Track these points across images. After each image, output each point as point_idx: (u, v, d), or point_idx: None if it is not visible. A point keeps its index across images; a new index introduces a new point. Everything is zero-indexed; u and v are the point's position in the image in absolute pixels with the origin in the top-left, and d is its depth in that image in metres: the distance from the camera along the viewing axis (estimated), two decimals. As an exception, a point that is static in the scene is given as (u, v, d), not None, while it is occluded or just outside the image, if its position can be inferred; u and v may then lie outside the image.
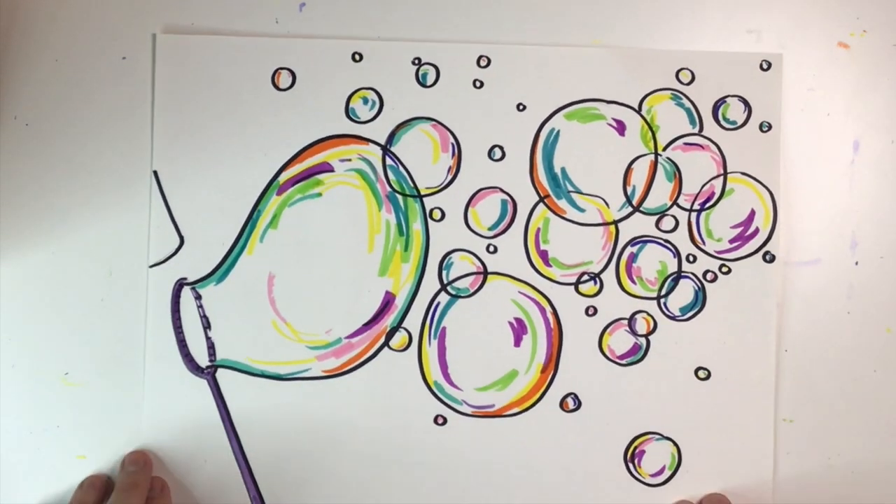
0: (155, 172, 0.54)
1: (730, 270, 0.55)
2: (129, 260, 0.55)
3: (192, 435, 0.53)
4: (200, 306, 0.54)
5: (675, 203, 0.55)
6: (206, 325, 0.54)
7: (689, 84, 0.55)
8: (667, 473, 0.54)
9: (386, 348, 0.54)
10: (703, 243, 0.55)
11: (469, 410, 0.54)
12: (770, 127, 0.55)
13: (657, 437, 0.54)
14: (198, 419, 0.54)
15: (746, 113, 0.55)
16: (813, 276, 0.56)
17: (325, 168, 0.55)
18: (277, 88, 0.55)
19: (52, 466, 0.54)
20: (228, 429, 0.53)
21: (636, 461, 0.54)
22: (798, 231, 0.56)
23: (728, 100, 0.55)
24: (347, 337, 0.54)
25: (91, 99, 0.55)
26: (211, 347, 0.54)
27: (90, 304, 0.55)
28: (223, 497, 0.53)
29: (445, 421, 0.54)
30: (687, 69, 0.55)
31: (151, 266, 0.54)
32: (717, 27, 0.57)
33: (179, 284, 0.54)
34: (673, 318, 0.55)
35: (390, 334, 0.54)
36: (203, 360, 0.54)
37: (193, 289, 0.54)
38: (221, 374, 0.54)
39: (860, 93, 0.57)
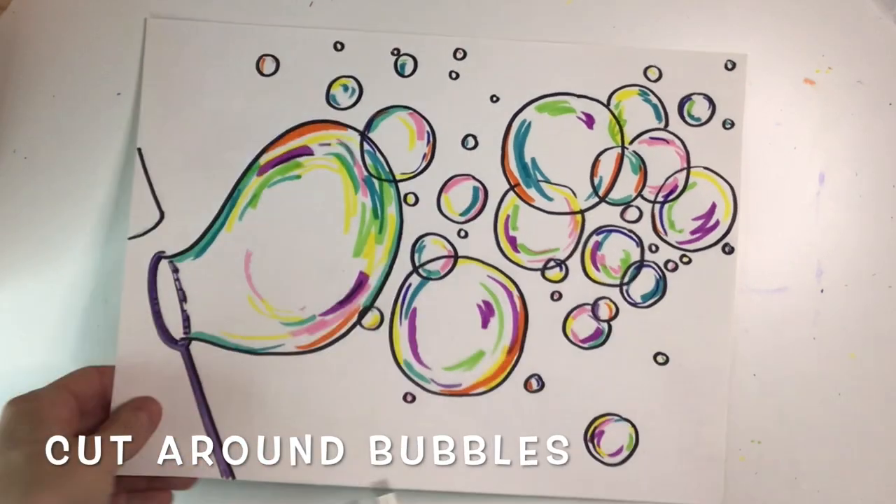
0: (139, 149, 0.56)
1: (690, 261, 0.57)
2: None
3: (162, 405, 0.55)
4: (177, 279, 0.55)
5: (639, 195, 0.58)
6: (182, 298, 0.55)
7: (656, 81, 0.58)
8: (624, 453, 0.56)
9: (358, 327, 0.56)
10: (666, 234, 0.57)
11: (437, 389, 0.56)
12: (733, 124, 0.58)
13: (616, 418, 0.56)
14: (169, 389, 0.55)
15: (711, 110, 0.58)
16: (780, 304, 0.58)
17: (305, 151, 0.57)
18: (261, 74, 0.57)
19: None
20: (200, 401, 0.55)
21: (595, 441, 0.56)
22: (765, 260, 0.58)
23: (693, 97, 0.58)
24: (321, 314, 0.56)
25: (87, 132, 0.57)
26: (186, 320, 0.55)
27: (87, 331, 0.57)
28: (192, 467, 0.54)
29: (414, 398, 0.56)
30: (655, 67, 0.58)
31: (130, 238, 0.55)
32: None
33: (157, 257, 0.55)
34: (634, 304, 0.57)
35: (363, 313, 0.56)
36: (177, 332, 0.55)
37: (171, 262, 0.55)
38: (195, 347, 0.55)
39: (825, 127, 0.59)
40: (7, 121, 0.58)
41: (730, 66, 0.58)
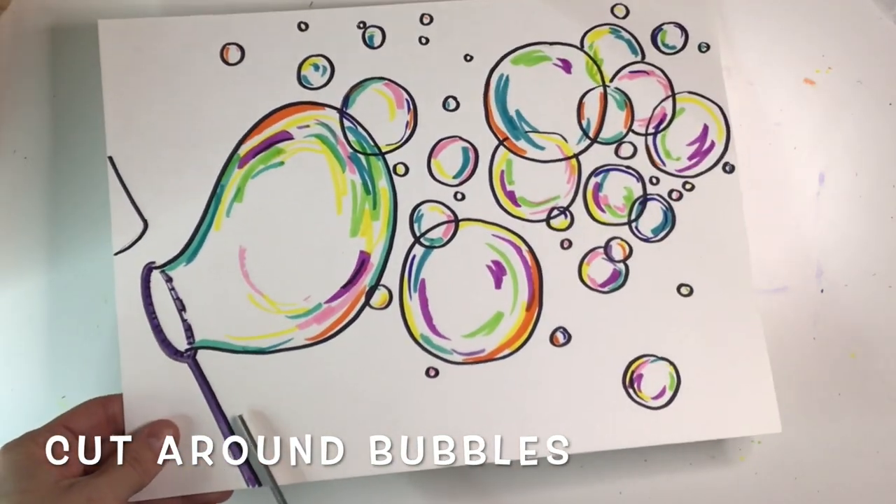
0: (110, 158, 0.53)
1: (693, 187, 0.56)
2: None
3: (178, 422, 0.51)
4: (172, 289, 0.52)
5: (630, 129, 0.56)
6: (181, 308, 0.52)
7: (624, 18, 0.58)
8: (668, 394, 0.53)
9: (367, 308, 0.53)
10: (664, 164, 0.56)
11: (460, 359, 0.53)
12: (708, 47, 0.57)
13: (652, 358, 0.53)
14: (182, 405, 0.51)
15: (683, 37, 0.58)
16: (780, 304, 0.58)
17: (285, 136, 0.55)
18: (227, 63, 0.55)
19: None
20: (215, 411, 0.51)
21: (636, 386, 0.53)
22: (766, 260, 0.58)
23: (664, 27, 0.58)
24: (327, 301, 0.53)
25: (87, 133, 0.57)
26: (188, 330, 0.52)
27: (87, 330, 0.55)
28: (217, 479, 0.50)
29: (437, 373, 0.53)
30: (621, 4, 0.58)
31: (116, 253, 0.52)
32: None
33: (148, 269, 0.52)
34: (647, 240, 0.55)
35: (370, 293, 0.53)
36: (181, 343, 0.52)
37: (163, 272, 0.52)
38: (202, 356, 0.52)
39: (825, 127, 0.60)
40: (7, 121, 0.57)
41: (695, -10, 0.58)
